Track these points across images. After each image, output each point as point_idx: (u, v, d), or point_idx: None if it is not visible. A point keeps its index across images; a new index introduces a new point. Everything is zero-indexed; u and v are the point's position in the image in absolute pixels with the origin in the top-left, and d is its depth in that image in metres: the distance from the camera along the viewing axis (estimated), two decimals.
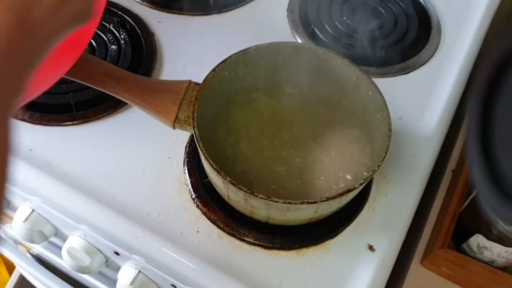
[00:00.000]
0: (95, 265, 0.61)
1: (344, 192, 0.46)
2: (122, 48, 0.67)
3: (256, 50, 0.56)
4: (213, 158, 0.48)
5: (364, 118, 0.55)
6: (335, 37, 0.70)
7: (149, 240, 0.53)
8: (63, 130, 0.61)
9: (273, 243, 0.54)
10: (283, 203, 0.45)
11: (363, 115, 0.55)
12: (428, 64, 0.70)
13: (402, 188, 0.59)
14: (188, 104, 0.53)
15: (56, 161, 0.58)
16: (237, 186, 0.46)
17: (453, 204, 0.61)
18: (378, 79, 0.67)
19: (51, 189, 0.56)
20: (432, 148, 0.62)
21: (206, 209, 0.55)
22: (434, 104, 0.65)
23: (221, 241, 0.54)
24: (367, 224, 0.56)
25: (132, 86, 0.53)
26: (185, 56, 0.69)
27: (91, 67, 0.53)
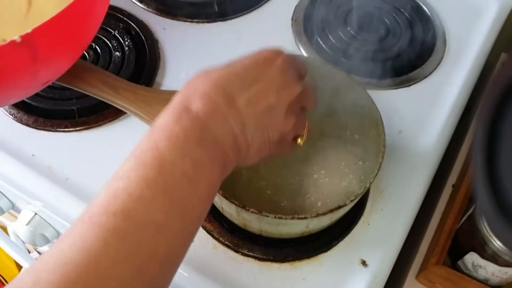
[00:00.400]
0: None
1: (334, 209, 0.47)
2: (126, 55, 0.67)
3: None
4: None
5: (359, 133, 0.55)
6: (338, 48, 0.70)
7: None
8: (65, 136, 0.62)
9: (266, 255, 0.55)
10: (273, 218, 0.46)
11: (358, 129, 0.55)
12: (431, 76, 0.69)
13: (398, 203, 0.59)
14: None
15: (58, 167, 0.59)
16: (229, 200, 0.47)
17: (450, 220, 0.61)
18: (380, 92, 0.67)
19: (52, 195, 0.57)
20: (430, 164, 0.62)
21: None
22: (435, 118, 0.65)
23: (215, 252, 0.55)
24: (361, 238, 0.56)
25: (129, 95, 0.54)
26: (188, 63, 0.69)
27: (89, 75, 0.54)
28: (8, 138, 0.61)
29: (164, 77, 0.68)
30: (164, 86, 0.67)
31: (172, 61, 0.69)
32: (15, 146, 0.60)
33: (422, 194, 0.60)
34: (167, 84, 0.67)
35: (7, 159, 0.59)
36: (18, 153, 0.60)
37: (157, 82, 0.67)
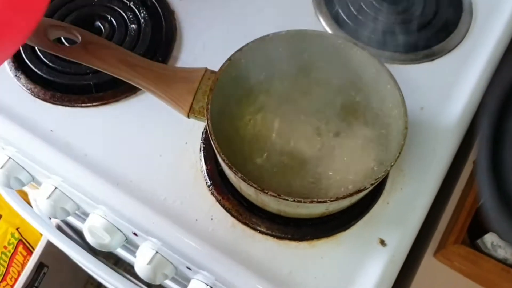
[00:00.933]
0: (114, 243, 0.63)
1: (354, 192, 0.46)
2: (142, 27, 0.66)
3: (274, 38, 0.55)
4: (226, 152, 0.48)
5: (381, 113, 0.54)
6: (359, 19, 0.68)
7: (165, 225, 0.55)
8: (83, 111, 0.62)
9: (285, 234, 0.55)
10: (292, 201, 0.46)
11: (380, 109, 0.54)
12: (455, 50, 0.67)
13: (418, 182, 0.58)
14: (203, 94, 0.53)
15: (76, 143, 0.59)
16: (247, 182, 0.46)
17: (470, 198, 0.60)
18: (402, 66, 0.65)
19: (71, 171, 0.58)
20: (452, 142, 0.60)
21: (221, 197, 0.56)
22: (458, 95, 0.63)
23: (234, 230, 0.55)
24: (380, 218, 0.56)
25: (146, 73, 0.53)
26: (205, 36, 0.68)
27: (105, 53, 0.53)
28: (25, 113, 0.61)
29: (180, 50, 0.67)
30: (181, 60, 0.66)
31: (189, 34, 0.68)
32: (33, 121, 0.60)
33: (443, 173, 0.59)
34: (184, 58, 0.66)
35: (26, 134, 0.59)
36: (36, 129, 0.60)
37: (174, 56, 0.66)
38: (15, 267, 1.26)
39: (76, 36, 0.54)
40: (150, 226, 0.55)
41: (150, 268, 0.59)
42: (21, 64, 0.64)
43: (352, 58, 0.55)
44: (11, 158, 0.66)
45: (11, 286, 1.24)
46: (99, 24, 0.66)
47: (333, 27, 0.68)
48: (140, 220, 0.56)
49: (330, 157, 0.54)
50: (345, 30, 0.67)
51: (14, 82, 0.63)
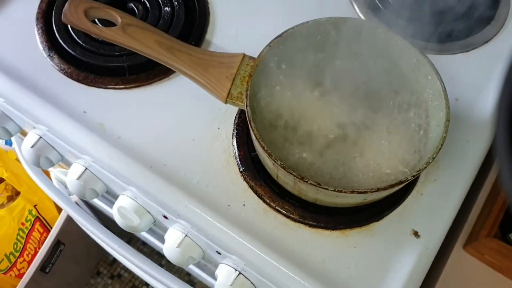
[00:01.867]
0: (143, 225, 0.63)
1: (395, 184, 0.46)
2: (175, 10, 0.66)
3: (314, 25, 0.54)
4: (264, 138, 0.48)
5: (420, 103, 0.54)
6: (396, 9, 0.67)
7: (197, 209, 0.55)
8: (116, 93, 0.62)
9: (317, 222, 0.55)
10: (332, 191, 0.45)
11: (419, 99, 0.54)
12: (491, 42, 0.66)
13: (452, 174, 0.57)
14: (241, 80, 0.52)
15: (109, 125, 0.59)
16: (287, 170, 0.46)
17: (504, 192, 0.59)
18: (437, 56, 0.64)
19: (104, 153, 0.58)
20: (487, 134, 0.60)
21: (253, 183, 0.56)
22: (493, 87, 0.62)
23: (266, 216, 0.55)
24: (413, 209, 0.56)
25: (184, 58, 0.52)
26: (239, 21, 0.67)
27: (144, 35, 0.52)
28: (59, 93, 0.61)
29: (213, 35, 0.66)
30: (213, 45, 0.65)
31: (222, 18, 0.67)
32: (66, 102, 0.60)
33: (478, 165, 0.59)
34: (217, 43, 0.65)
35: (59, 114, 0.59)
36: (69, 109, 0.60)
37: (207, 39, 0.66)
38: (31, 243, 1.28)
39: (115, 17, 0.53)
40: (182, 209, 0.55)
41: (179, 251, 0.60)
42: (54, 44, 0.64)
43: (392, 47, 0.54)
44: (42, 138, 0.66)
45: (28, 262, 1.25)
46: (133, 6, 0.66)
47: (368, 15, 0.67)
48: (172, 203, 0.56)
49: (368, 147, 0.53)
50: (379, 17, 0.66)
51: (48, 62, 0.63)
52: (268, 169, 0.53)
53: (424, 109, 0.53)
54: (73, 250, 1.33)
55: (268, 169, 0.53)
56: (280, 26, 0.54)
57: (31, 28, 0.65)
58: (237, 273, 0.59)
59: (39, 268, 1.21)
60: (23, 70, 0.62)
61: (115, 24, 0.55)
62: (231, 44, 0.65)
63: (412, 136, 0.53)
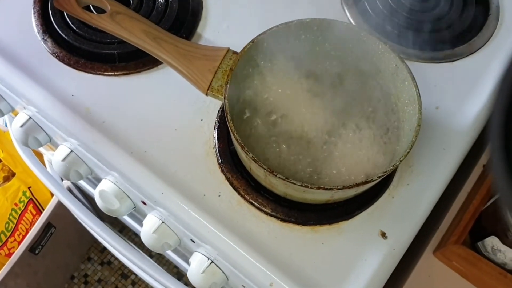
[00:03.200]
0: (123, 209, 0.65)
1: (361, 183, 0.47)
2: (169, 2, 0.67)
3: (299, 25, 0.55)
4: (240, 132, 0.49)
5: (396, 107, 0.55)
6: (384, 14, 0.68)
7: (173, 197, 0.56)
8: (105, 79, 0.63)
9: (289, 217, 0.56)
10: (299, 186, 0.47)
11: (396, 103, 0.55)
12: (477, 53, 0.67)
13: (425, 180, 0.59)
14: (223, 73, 0.54)
15: (95, 109, 0.61)
16: (258, 163, 0.48)
17: (476, 201, 0.61)
18: (422, 64, 0.66)
19: (89, 136, 0.60)
20: (464, 144, 0.61)
21: (230, 175, 0.57)
22: (474, 99, 0.63)
23: (240, 208, 0.56)
24: (383, 211, 0.57)
25: (170, 48, 0.54)
26: (231, 17, 0.69)
27: (131, 24, 0.54)
28: (50, 76, 0.63)
29: (205, 29, 0.68)
30: (204, 39, 0.67)
31: (215, 13, 0.69)
32: (56, 84, 0.62)
33: (451, 173, 0.60)
34: (207, 37, 0.67)
35: (48, 97, 0.61)
36: (58, 92, 0.62)
37: (198, 33, 0.67)
38: (23, 224, 1.30)
39: (105, 5, 0.55)
40: (159, 196, 0.57)
41: (155, 236, 0.61)
42: (49, 27, 0.65)
43: (374, 51, 0.55)
44: (31, 118, 0.68)
45: (18, 242, 1.27)
46: None
47: (358, 20, 0.68)
48: (150, 189, 0.57)
49: (343, 147, 0.55)
50: (369, 23, 0.68)
51: (41, 45, 0.64)
52: (243, 162, 0.55)
53: (399, 113, 0.55)
54: (64, 233, 1.35)
55: (243, 162, 0.55)
56: (271, 25, 0.56)
57: (28, 10, 0.67)
58: (209, 262, 0.60)
59: (28, 249, 1.23)
60: (17, 51, 0.64)
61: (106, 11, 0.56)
62: (221, 39, 0.67)
63: (387, 139, 0.54)
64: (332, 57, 0.57)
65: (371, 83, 0.57)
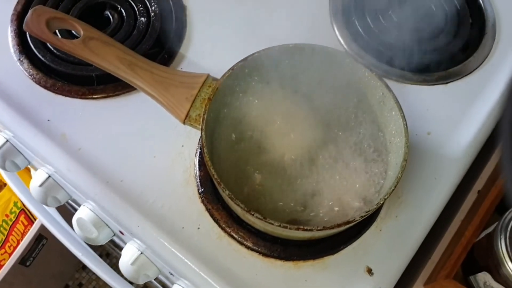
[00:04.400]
0: (102, 238, 0.62)
1: (342, 224, 0.45)
2: (151, 21, 0.65)
3: (282, 50, 0.53)
4: (217, 166, 0.47)
5: (383, 138, 0.52)
6: (375, 33, 0.65)
7: (150, 230, 0.54)
8: (82, 103, 0.61)
9: (271, 251, 0.53)
10: (278, 226, 0.44)
11: (383, 134, 0.52)
12: (472, 75, 0.64)
13: (415, 212, 0.56)
14: (201, 102, 0.51)
15: (72, 135, 0.58)
16: (234, 201, 0.45)
17: (468, 232, 0.58)
18: (414, 86, 0.63)
19: (63, 164, 0.57)
20: (456, 172, 0.58)
21: (211, 206, 0.55)
22: (469, 123, 0.60)
23: (220, 242, 0.54)
24: (370, 245, 0.54)
25: (145, 75, 0.51)
26: (216, 36, 0.66)
27: (105, 50, 0.51)
28: (25, 99, 0.60)
29: (188, 48, 0.65)
30: (187, 59, 0.64)
31: (199, 32, 0.66)
32: (32, 108, 0.60)
33: (442, 204, 0.57)
34: (191, 57, 0.64)
35: (22, 121, 0.59)
36: (34, 117, 0.59)
37: (181, 53, 0.65)
38: (15, 235, 1.28)
39: (78, 30, 0.52)
40: (135, 229, 0.54)
41: (134, 268, 0.59)
42: (25, 48, 0.63)
43: (360, 78, 0.53)
44: (8, 141, 0.65)
45: (9, 254, 1.25)
46: (108, 14, 0.65)
47: (347, 39, 0.65)
48: (126, 221, 0.55)
49: (327, 180, 0.52)
50: (358, 42, 0.65)
51: (17, 66, 0.62)
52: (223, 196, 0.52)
53: (387, 144, 0.52)
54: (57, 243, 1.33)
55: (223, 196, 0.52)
56: (258, 45, 0.53)
57: (4, 29, 0.64)
58: None
59: (19, 262, 1.21)
60: None
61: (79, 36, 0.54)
62: (205, 61, 0.64)
63: (375, 171, 0.51)
64: (317, 83, 0.54)
65: (357, 111, 0.54)
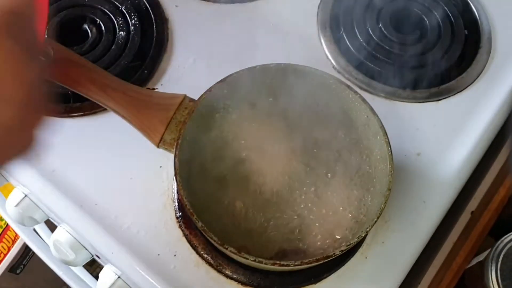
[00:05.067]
0: (79, 260, 0.60)
1: (320, 258, 0.42)
2: (130, 35, 0.62)
3: (261, 71, 0.50)
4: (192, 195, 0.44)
5: (367, 164, 0.50)
6: (363, 47, 0.62)
7: (124, 257, 0.52)
8: (58, 121, 0.58)
9: (251, 280, 0.51)
10: (252, 261, 0.42)
11: (368, 159, 0.50)
12: (465, 92, 0.61)
13: (402, 237, 0.53)
14: (176, 125, 0.49)
15: (46, 156, 0.56)
16: (207, 234, 0.43)
17: (460, 258, 0.56)
18: (404, 104, 0.60)
19: (36, 186, 0.55)
20: (447, 196, 0.56)
21: (188, 231, 0.53)
22: (461, 144, 0.58)
23: (197, 270, 0.52)
24: (355, 272, 0.52)
25: (117, 97, 0.49)
26: (198, 50, 0.63)
27: (76, 71, 0.49)
28: None
29: (169, 63, 0.62)
30: (167, 75, 0.62)
31: (181, 45, 0.64)
32: None
33: (432, 230, 0.54)
34: (171, 73, 0.62)
35: None
36: None
37: (162, 68, 0.62)
38: (5, 242, 1.26)
39: (48, 49, 0.50)
40: (109, 255, 0.52)
41: None
42: None
43: (344, 99, 0.50)
44: None
45: None
46: (87, 28, 0.63)
47: (334, 53, 0.63)
48: (99, 247, 0.53)
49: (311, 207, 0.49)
50: (346, 57, 0.62)
51: None
52: None
53: (372, 169, 0.49)
54: None
55: None
56: (242, 62, 0.51)
57: None
58: None
59: (8, 270, 1.19)
60: None
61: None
62: (186, 76, 0.61)
63: (352, 204, 0.49)
64: (299, 105, 0.52)
65: (342, 134, 0.51)
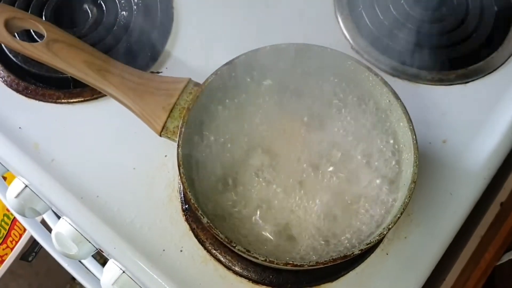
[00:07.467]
0: (82, 253, 0.57)
1: (338, 258, 0.38)
2: (133, 15, 0.58)
3: (273, 51, 0.46)
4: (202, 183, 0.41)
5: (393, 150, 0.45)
6: (384, 25, 0.58)
7: (127, 252, 0.48)
8: (57, 108, 0.55)
9: (262, 278, 0.48)
10: (263, 261, 0.38)
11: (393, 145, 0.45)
12: (495, 74, 0.56)
13: (426, 232, 0.49)
14: (180, 112, 0.45)
15: (45, 145, 0.53)
16: (214, 231, 0.39)
17: (489, 254, 0.51)
18: (429, 87, 0.56)
19: (35, 177, 0.52)
20: (475, 188, 0.51)
21: (196, 225, 0.49)
22: (491, 130, 0.53)
23: (204, 266, 0.48)
24: (376, 270, 0.48)
25: (116, 81, 0.45)
26: (206, 31, 0.59)
27: (71, 54, 0.45)
28: None
29: (174, 45, 0.58)
30: (172, 57, 0.58)
31: (187, 27, 0.60)
32: (2, 114, 0.54)
33: (459, 224, 0.50)
34: (177, 55, 0.58)
35: None
36: (4, 124, 0.54)
37: (166, 50, 0.58)
38: (17, 230, 1.25)
39: (41, 30, 0.46)
40: (111, 250, 0.49)
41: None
42: None
43: (363, 82, 0.46)
44: None
45: (11, 249, 1.22)
46: (87, 8, 0.59)
47: (353, 32, 0.58)
48: (101, 242, 0.49)
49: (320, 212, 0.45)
50: (366, 37, 0.57)
51: None
52: None
53: (396, 160, 0.45)
54: None
55: None
56: (254, 43, 0.47)
57: None
58: None
59: (19, 257, 1.18)
60: None
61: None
62: (192, 59, 0.57)
63: (373, 199, 0.44)
64: (314, 89, 0.48)
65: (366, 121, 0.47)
